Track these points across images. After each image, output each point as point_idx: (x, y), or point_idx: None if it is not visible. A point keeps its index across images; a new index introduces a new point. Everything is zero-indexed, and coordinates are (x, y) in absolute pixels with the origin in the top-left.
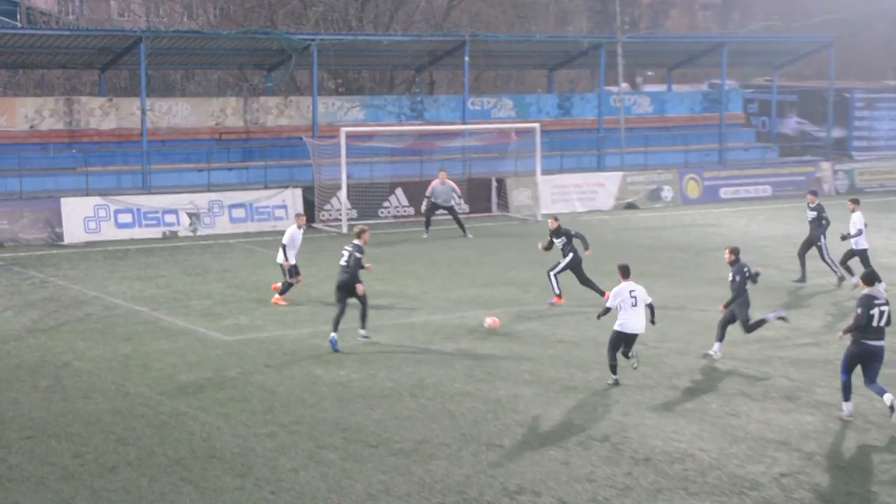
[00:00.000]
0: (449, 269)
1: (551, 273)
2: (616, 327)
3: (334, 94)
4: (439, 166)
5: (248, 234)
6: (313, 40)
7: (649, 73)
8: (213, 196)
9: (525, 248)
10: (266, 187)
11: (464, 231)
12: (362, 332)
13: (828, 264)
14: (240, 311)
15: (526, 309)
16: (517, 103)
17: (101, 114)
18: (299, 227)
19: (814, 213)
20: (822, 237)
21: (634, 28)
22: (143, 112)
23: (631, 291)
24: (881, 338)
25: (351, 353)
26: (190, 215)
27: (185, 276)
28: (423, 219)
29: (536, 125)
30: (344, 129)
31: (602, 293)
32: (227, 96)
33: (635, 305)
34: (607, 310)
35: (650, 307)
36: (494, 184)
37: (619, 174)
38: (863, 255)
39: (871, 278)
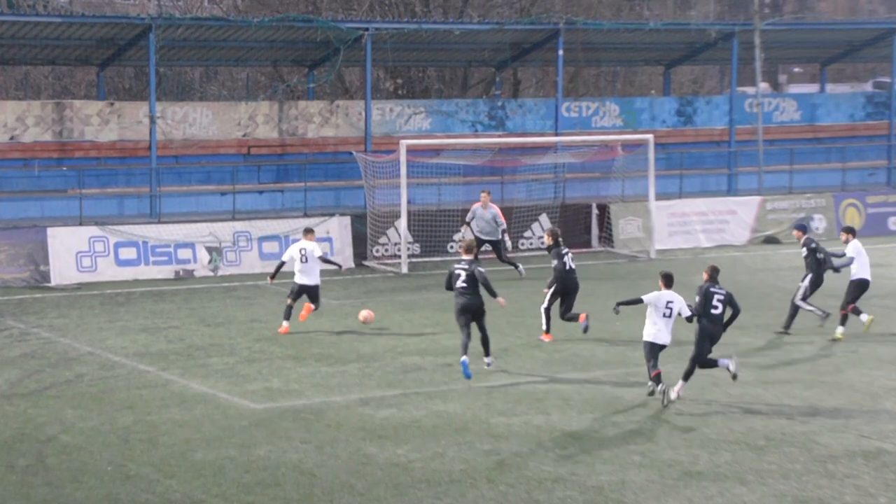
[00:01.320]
0: (537, 320)
1: (542, 308)
2: (648, 338)
3: (393, 98)
4: (525, 189)
5: (282, 275)
6: (366, 30)
7: (796, 71)
8: (238, 226)
9: (635, 294)
10: (306, 215)
11: (516, 267)
12: (487, 359)
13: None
14: (271, 373)
15: (635, 371)
16: (625, 109)
17: (100, 122)
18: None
19: (804, 251)
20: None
21: (777, 13)
22: (153, 120)
23: (668, 302)
24: None
25: (412, 425)
26: (210, 250)
27: (204, 328)
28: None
29: (649, 136)
30: (404, 142)
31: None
32: (257, 101)
33: (669, 317)
34: (638, 300)
35: (688, 319)
36: (595, 211)
37: (757, 199)
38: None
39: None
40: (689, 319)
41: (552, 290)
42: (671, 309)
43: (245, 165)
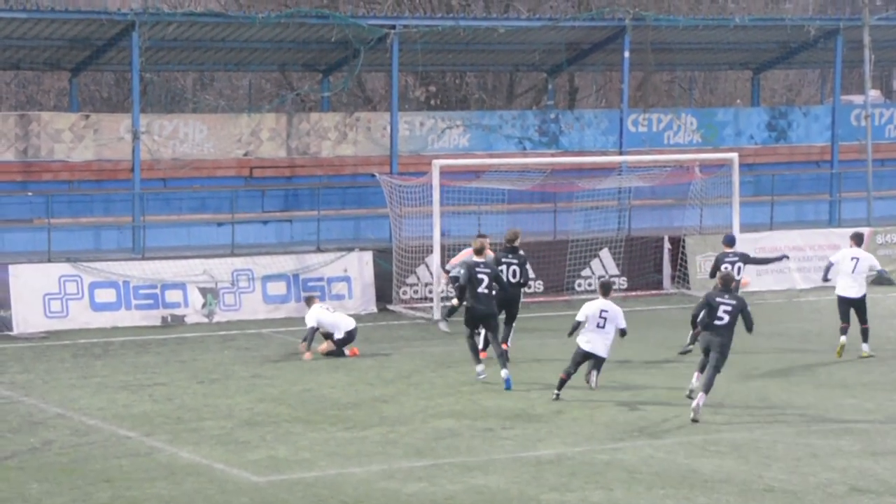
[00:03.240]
0: (603, 381)
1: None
2: (582, 345)
3: (424, 109)
4: (583, 219)
5: (290, 321)
6: (392, 27)
7: None
8: (238, 263)
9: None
10: (319, 249)
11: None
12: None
13: None
14: (277, 439)
15: (714, 439)
16: (704, 122)
17: (72, 138)
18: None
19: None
20: None
21: (891, 5)
22: (136, 136)
23: (602, 311)
24: None
25: (445, 503)
26: (204, 292)
27: (196, 384)
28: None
29: (734, 155)
30: (437, 162)
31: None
32: (261, 112)
33: (603, 327)
34: (577, 324)
35: (622, 332)
36: (668, 246)
37: (865, 231)
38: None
39: None
40: (622, 333)
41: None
42: (605, 318)
43: (246, 190)
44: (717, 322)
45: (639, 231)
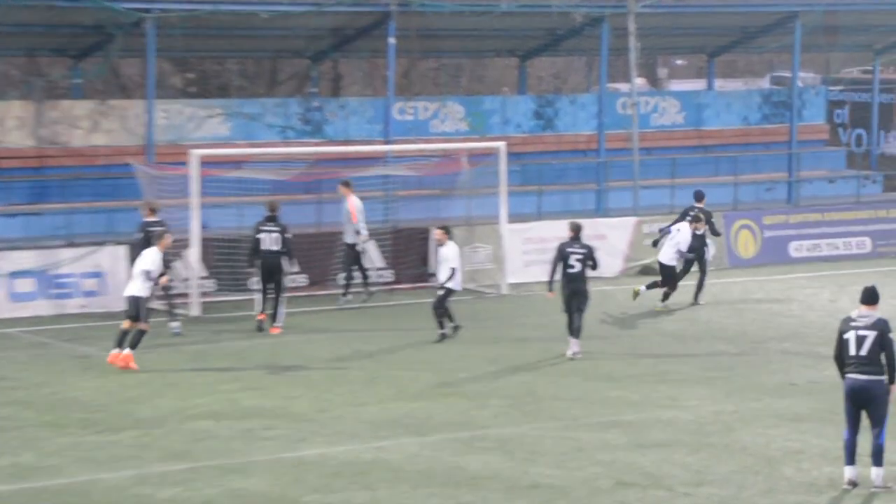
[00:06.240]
0: (362, 372)
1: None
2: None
3: (182, 97)
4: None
5: (39, 320)
6: (148, 11)
7: (679, 64)
8: None
9: (484, 338)
10: (71, 244)
11: (346, 291)
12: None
13: None
14: (22, 444)
15: (482, 434)
16: (471, 110)
17: None
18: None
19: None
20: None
21: None
22: None
23: (443, 255)
24: None
25: None
26: None
27: None
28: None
29: (501, 144)
30: (197, 152)
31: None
32: (6, 100)
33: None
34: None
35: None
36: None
37: (631, 221)
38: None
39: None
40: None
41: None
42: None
43: None
44: (569, 270)
45: (405, 223)
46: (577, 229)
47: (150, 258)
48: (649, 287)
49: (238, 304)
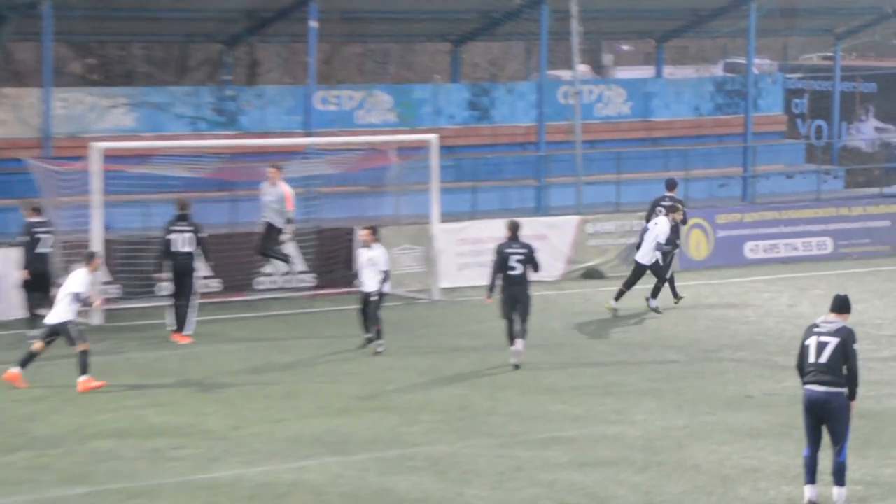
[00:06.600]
0: (280, 385)
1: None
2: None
3: (82, 85)
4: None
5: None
6: None
7: (624, 49)
8: None
9: (414, 348)
10: None
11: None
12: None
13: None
14: None
15: (412, 453)
16: (400, 100)
17: None
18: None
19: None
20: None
21: None
22: None
23: (370, 259)
24: None
25: None
26: None
27: None
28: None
29: (433, 137)
30: (98, 145)
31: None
32: None
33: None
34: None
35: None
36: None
37: (574, 220)
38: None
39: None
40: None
41: None
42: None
43: None
44: (510, 272)
45: (328, 222)
46: (514, 228)
47: (80, 280)
48: (618, 297)
49: (144, 312)
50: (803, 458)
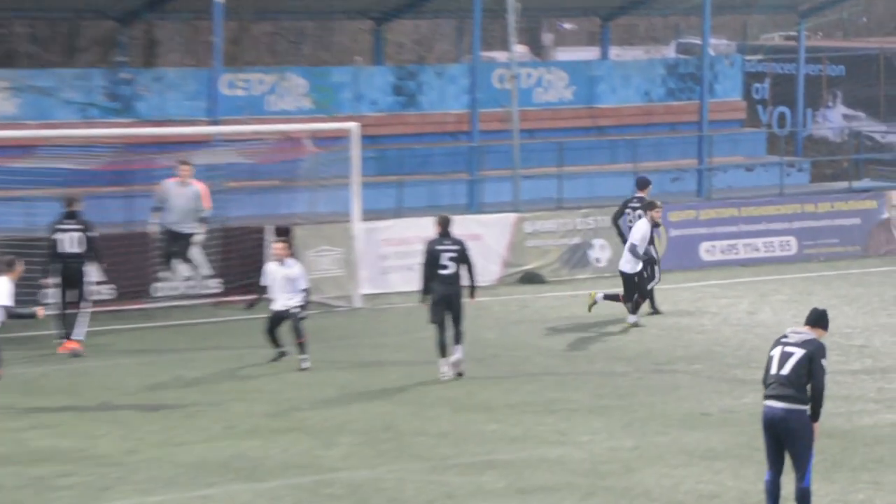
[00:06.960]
0: (181, 404)
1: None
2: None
3: None
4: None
5: None
6: None
7: (566, 28)
8: None
9: (332, 361)
10: None
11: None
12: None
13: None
14: None
15: (329, 479)
16: (316, 84)
17: None
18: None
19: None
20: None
21: None
22: None
23: (285, 276)
24: None
25: None
26: None
27: None
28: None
29: (353, 125)
30: None
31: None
32: None
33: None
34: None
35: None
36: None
37: (511, 218)
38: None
39: None
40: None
41: None
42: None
43: None
44: (442, 272)
45: (236, 221)
46: (445, 223)
47: (4, 289)
48: (607, 297)
49: (27, 322)
50: (764, 484)
